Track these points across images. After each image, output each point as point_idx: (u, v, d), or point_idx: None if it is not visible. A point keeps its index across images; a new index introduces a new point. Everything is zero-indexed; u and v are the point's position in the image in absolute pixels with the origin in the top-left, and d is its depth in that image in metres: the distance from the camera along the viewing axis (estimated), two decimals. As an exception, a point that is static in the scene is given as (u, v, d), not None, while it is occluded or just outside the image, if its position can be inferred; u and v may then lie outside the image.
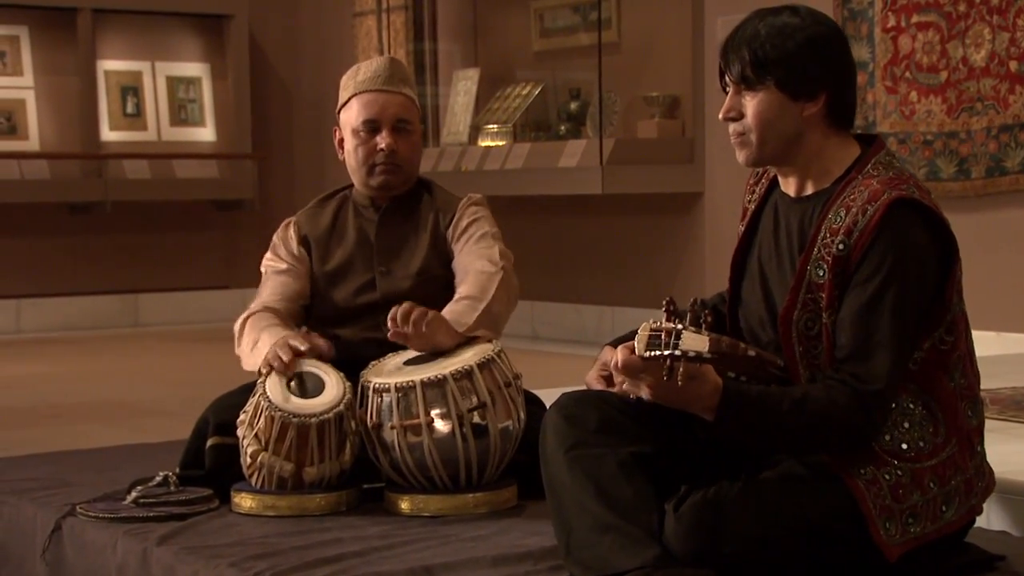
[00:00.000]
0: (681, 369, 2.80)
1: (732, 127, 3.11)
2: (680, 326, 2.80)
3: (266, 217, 9.93)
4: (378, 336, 3.92)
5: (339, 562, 3.27)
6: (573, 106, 7.95)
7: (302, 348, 3.75)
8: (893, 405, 2.98)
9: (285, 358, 3.74)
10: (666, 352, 2.79)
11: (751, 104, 3.06)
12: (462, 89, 8.37)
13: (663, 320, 2.87)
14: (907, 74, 6.70)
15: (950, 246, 2.99)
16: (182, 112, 9.86)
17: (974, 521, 3.11)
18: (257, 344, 3.89)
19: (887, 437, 2.98)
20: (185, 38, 9.91)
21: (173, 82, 9.86)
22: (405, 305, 3.72)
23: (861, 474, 2.94)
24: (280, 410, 3.68)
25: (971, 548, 3.12)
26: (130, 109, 9.76)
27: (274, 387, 3.73)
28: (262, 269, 4.13)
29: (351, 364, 3.85)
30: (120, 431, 5.75)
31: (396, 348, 3.86)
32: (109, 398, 6.87)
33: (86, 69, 9.50)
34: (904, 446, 2.98)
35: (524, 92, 8.11)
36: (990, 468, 3.13)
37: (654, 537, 2.96)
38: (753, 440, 2.98)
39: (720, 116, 3.13)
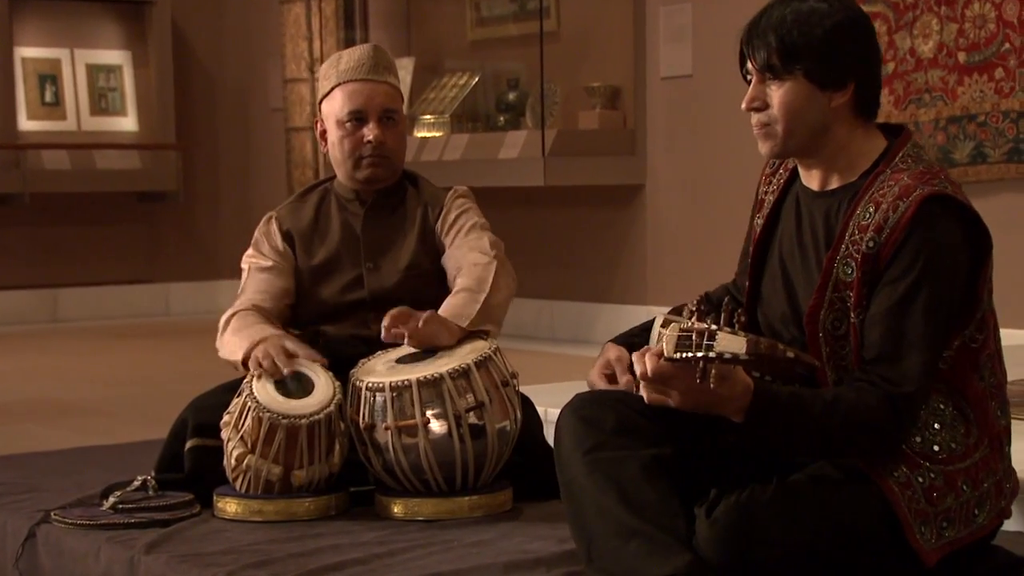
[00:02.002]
0: (713, 371, 2.68)
1: (756, 117, 3.00)
2: (714, 326, 2.67)
3: (190, 209, 9.73)
4: (365, 333, 3.80)
5: (342, 570, 3.15)
6: (511, 96, 7.83)
7: (299, 353, 3.60)
8: (923, 406, 2.88)
9: (279, 362, 3.58)
10: (699, 354, 2.66)
11: (777, 94, 2.95)
12: (391, 82, 8.23)
13: (693, 320, 2.74)
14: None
15: (982, 241, 2.90)
16: (102, 101, 9.62)
17: (1001, 524, 3.02)
18: (241, 336, 3.72)
19: (918, 439, 2.88)
20: (105, 24, 9.66)
21: (93, 70, 9.62)
22: (397, 310, 3.57)
23: (894, 476, 2.85)
24: (268, 411, 3.54)
25: (998, 551, 3.03)
26: (48, 98, 9.50)
27: (262, 387, 3.58)
28: (243, 266, 3.97)
29: (338, 362, 3.72)
30: (61, 432, 5.56)
31: (385, 346, 3.72)
32: (39, 397, 6.66)
33: (2, 56, 9.23)
34: (936, 448, 2.89)
35: (461, 82, 7.98)
36: (1013, 469, 3.05)
37: (684, 542, 2.84)
38: (782, 443, 2.88)
39: (743, 106, 3.02)
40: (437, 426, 3.51)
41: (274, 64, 9.27)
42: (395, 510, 3.58)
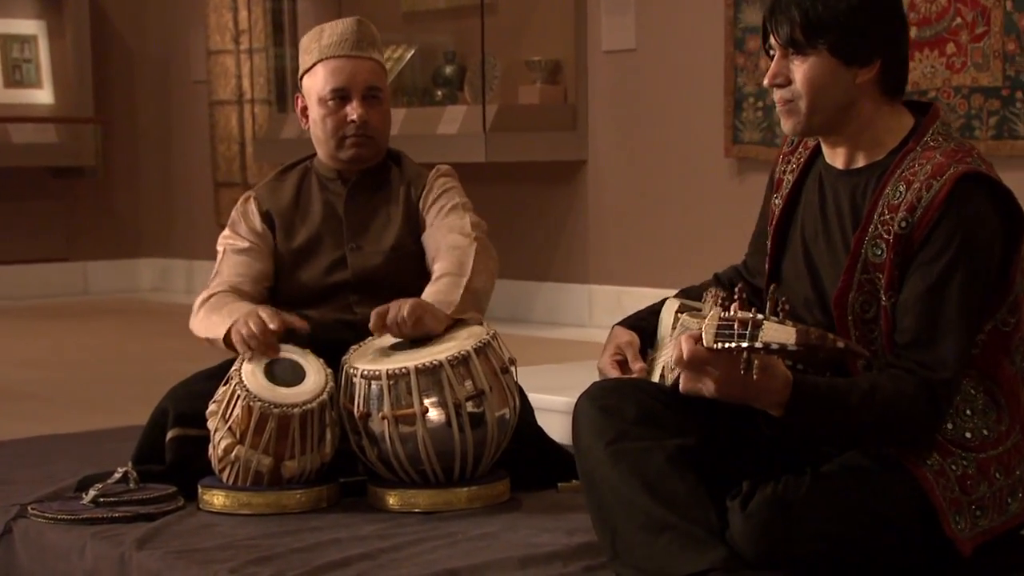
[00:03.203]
0: (757, 362, 2.60)
1: (779, 94, 2.93)
2: (760, 315, 2.58)
3: (109, 185, 9.52)
4: (349, 317, 3.70)
5: (348, 566, 3.05)
6: (448, 70, 7.71)
7: (272, 326, 3.47)
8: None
9: (259, 332, 3.45)
10: (744, 344, 2.58)
11: (800, 69, 2.88)
12: (326, 51, 8.08)
13: (734, 308, 2.65)
14: (802, 40, 6.61)
15: (1016, 221, 2.84)
16: (16, 73, 9.36)
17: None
18: (222, 313, 3.60)
19: (949, 426, 2.84)
20: (19, -7, 9.42)
21: (6, 40, 9.36)
22: (378, 310, 3.48)
23: (928, 464, 2.80)
24: (259, 399, 3.42)
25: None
26: (-41, 70, 9.26)
27: (251, 374, 3.47)
28: (219, 247, 3.84)
29: (321, 347, 3.62)
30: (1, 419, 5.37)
31: (369, 331, 3.61)
32: (-34, 380, 6.45)
33: (-90, 27, 8.97)
34: (968, 435, 2.84)
35: (395, 55, 7.84)
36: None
37: (717, 536, 2.77)
38: (819, 434, 2.81)
39: (765, 82, 2.95)
40: (436, 415, 3.42)
41: (197, 35, 9.08)
42: (390, 501, 3.48)
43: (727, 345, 2.60)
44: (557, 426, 3.95)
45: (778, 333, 2.57)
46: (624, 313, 7.28)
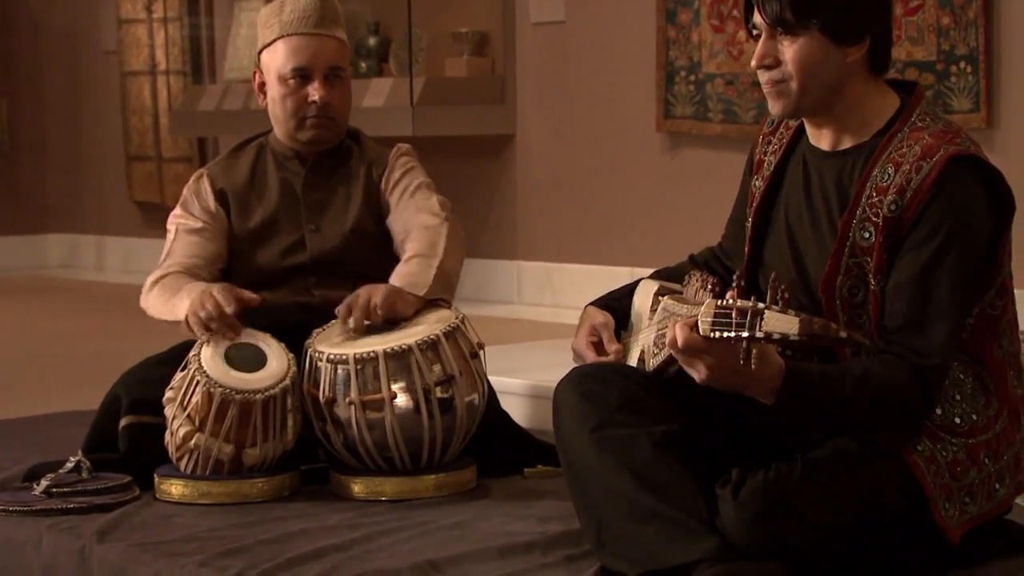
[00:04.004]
0: (755, 351, 2.57)
1: (767, 75, 2.90)
2: (761, 304, 2.55)
3: (15, 159, 9.36)
4: (308, 300, 3.65)
5: (321, 558, 3.01)
6: (372, 42, 7.62)
7: (228, 309, 3.40)
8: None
9: (216, 314, 3.39)
10: (744, 334, 2.54)
11: (790, 50, 2.85)
12: (245, 20, 7.96)
13: (730, 296, 2.61)
14: (734, 12, 6.59)
15: (1005, 202, 2.84)
16: (-83, 43, 9.18)
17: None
18: (178, 293, 3.52)
19: (938, 411, 2.83)
20: (-83, -40, 9.22)
21: (-94, 10, 9.17)
22: (348, 300, 3.43)
23: (919, 451, 2.80)
24: (220, 385, 3.36)
25: (1012, 525, 3.00)
26: None
27: (211, 359, 3.41)
28: (170, 227, 3.76)
29: (279, 330, 3.56)
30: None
31: (328, 314, 3.56)
32: None
33: None
34: (957, 420, 2.84)
35: (315, 26, 7.74)
36: (1024, 439, 3.01)
37: (708, 525, 2.75)
38: (810, 421, 2.79)
39: (753, 64, 2.92)
40: (404, 400, 3.38)
41: (107, 3, 8.92)
42: (355, 490, 3.44)
43: (725, 334, 2.57)
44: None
45: (780, 323, 2.54)
46: (554, 292, 7.32)
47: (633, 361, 3.09)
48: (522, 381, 4.22)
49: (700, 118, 6.55)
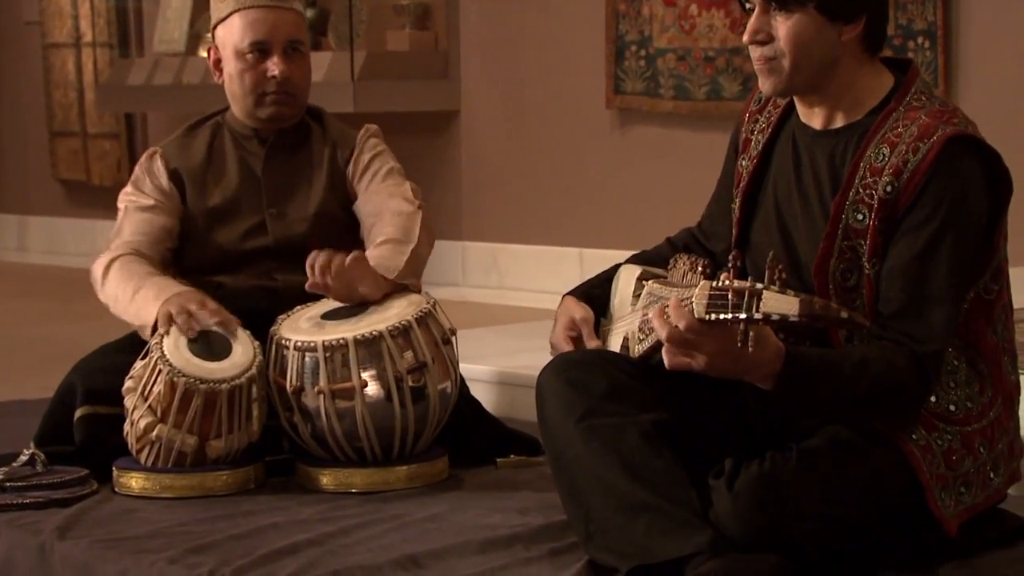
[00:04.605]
0: (752, 334, 2.56)
1: (758, 52, 2.89)
2: (759, 285, 2.54)
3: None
4: (270, 284, 3.63)
5: (296, 553, 2.99)
6: (310, 14, 7.56)
7: (211, 321, 3.38)
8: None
9: (198, 316, 3.36)
10: (741, 315, 2.53)
11: (784, 26, 2.85)
12: (175, -9, 7.89)
13: (724, 277, 2.60)
14: (686, -15, 6.60)
15: (1003, 184, 2.85)
16: None
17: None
18: (140, 292, 3.48)
19: (933, 398, 2.85)
20: None
21: None
22: (324, 254, 3.38)
23: (914, 439, 2.81)
24: (184, 375, 3.33)
25: (1005, 515, 3.01)
26: None
27: (174, 347, 3.37)
28: (120, 205, 3.72)
29: (240, 316, 3.54)
30: None
31: (291, 299, 3.53)
32: None
33: None
34: (952, 407, 2.85)
35: (250, -2, 7.67)
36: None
37: (701, 517, 2.75)
38: (807, 407, 2.79)
39: (745, 39, 2.91)
40: (375, 389, 3.37)
41: (27, -28, 8.83)
42: (323, 482, 3.42)
43: (721, 316, 2.56)
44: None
45: (779, 303, 2.53)
46: (500, 273, 7.31)
47: (615, 348, 3.09)
48: (486, 367, 4.20)
49: (651, 94, 6.55)
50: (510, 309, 6.60)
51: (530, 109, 6.89)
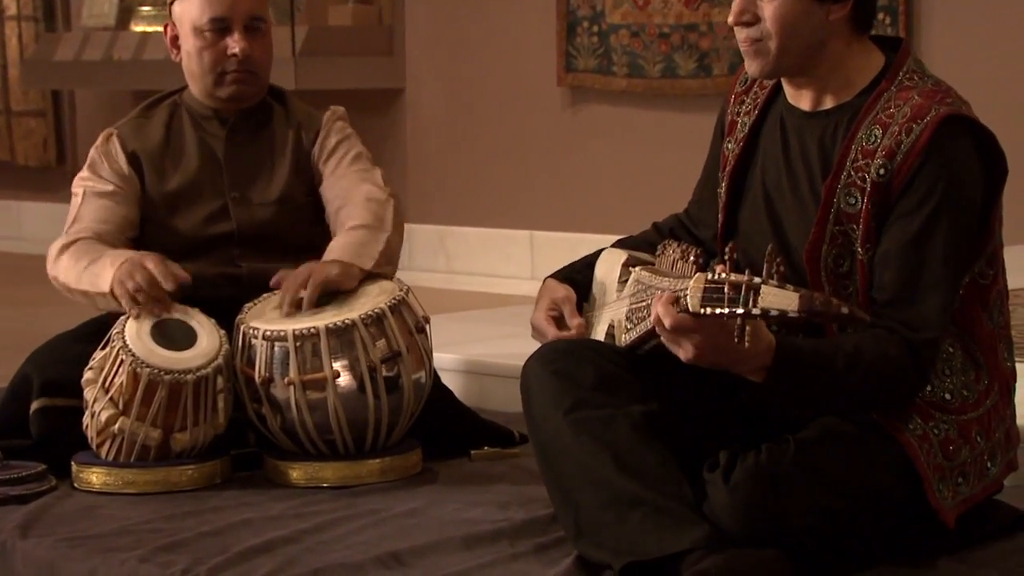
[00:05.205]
0: (748, 328, 2.57)
1: (744, 33, 2.90)
2: (757, 279, 2.55)
3: None
4: (233, 272, 3.62)
5: (272, 551, 2.99)
6: (247, -13, 7.54)
7: (166, 286, 3.36)
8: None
9: (147, 286, 3.35)
10: (739, 311, 2.54)
11: (770, 7, 2.86)
12: (104, -37, 7.85)
13: (723, 270, 2.60)
14: (640, -41, 6.62)
15: (998, 166, 2.87)
16: None
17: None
18: (98, 261, 3.48)
19: (928, 387, 2.86)
20: None
21: None
22: (287, 281, 3.41)
23: (910, 429, 2.83)
24: (147, 365, 3.32)
25: (1002, 506, 3.05)
26: None
27: (137, 337, 3.35)
28: (76, 190, 3.69)
29: (203, 304, 3.52)
30: None
31: (256, 287, 3.53)
32: None
33: None
34: (947, 396, 2.88)
35: (185, -30, 7.64)
36: (1014, 417, 3.06)
37: (696, 511, 2.76)
38: (799, 400, 2.81)
39: (730, 20, 2.92)
40: (348, 379, 3.36)
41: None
42: (293, 476, 3.41)
43: (717, 311, 2.56)
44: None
45: (778, 299, 2.52)
46: (448, 257, 7.32)
47: (599, 336, 3.10)
48: (452, 356, 4.20)
49: (604, 72, 6.57)
50: (459, 294, 6.61)
51: (478, 87, 6.90)
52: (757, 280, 2.54)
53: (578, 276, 3.23)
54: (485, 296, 6.44)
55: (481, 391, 4.13)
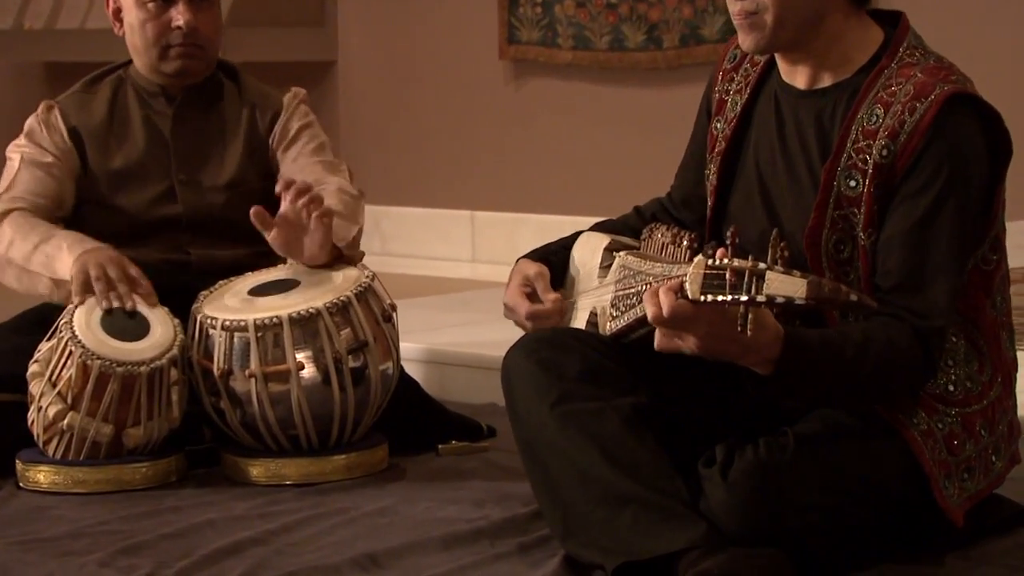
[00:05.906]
0: (751, 316, 2.55)
1: (739, 6, 2.89)
2: (762, 265, 2.53)
3: None
4: (180, 258, 3.58)
5: (240, 554, 2.98)
6: (169, -47, 7.47)
7: (143, 283, 3.34)
8: None
9: (120, 276, 3.31)
10: (742, 298, 2.52)
11: None
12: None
13: (724, 255, 2.58)
14: (586, -75, 6.61)
15: (1003, 146, 2.87)
16: None
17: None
18: (51, 240, 3.44)
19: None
20: None
21: None
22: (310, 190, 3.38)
23: (915, 424, 2.83)
24: (98, 357, 3.29)
25: (1003, 501, 3.05)
26: None
27: (86, 327, 3.32)
28: (11, 155, 3.66)
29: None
30: None
31: (206, 274, 3.49)
32: None
33: None
34: (951, 387, 2.88)
35: (103, -65, 7.55)
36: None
37: (692, 508, 2.75)
38: (809, 392, 2.78)
39: (725, -9, 2.90)
40: (312, 371, 3.33)
41: None
42: (253, 473, 3.39)
43: (719, 298, 2.54)
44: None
45: (784, 285, 2.50)
46: (384, 239, 7.28)
47: (580, 324, 3.07)
48: (411, 345, 4.16)
49: (548, 44, 6.54)
50: (395, 277, 6.54)
51: (415, 60, 6.86)
52: (762, 266, 2.52)
53: (553, 257, 3.20)
54: (423, 280, 6.40)
55: (441, 382, 4.10)
